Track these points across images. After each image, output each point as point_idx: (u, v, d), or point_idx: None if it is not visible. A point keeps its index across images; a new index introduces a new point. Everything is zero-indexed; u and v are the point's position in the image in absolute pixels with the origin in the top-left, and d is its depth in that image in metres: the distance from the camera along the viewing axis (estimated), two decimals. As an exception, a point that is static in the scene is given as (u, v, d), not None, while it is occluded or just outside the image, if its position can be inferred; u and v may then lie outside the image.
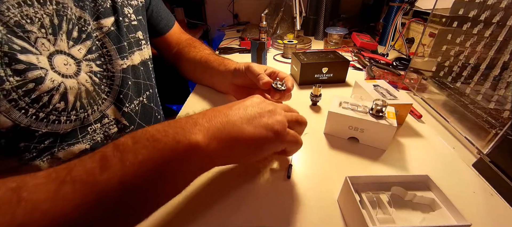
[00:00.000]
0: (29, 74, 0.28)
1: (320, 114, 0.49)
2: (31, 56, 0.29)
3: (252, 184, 0.33)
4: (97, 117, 0.37)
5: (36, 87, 0.29)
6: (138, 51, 0.44)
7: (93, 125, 0.37)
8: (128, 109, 0.42)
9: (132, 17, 0.43)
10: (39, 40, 0.30)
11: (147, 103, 0.46)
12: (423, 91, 0.55)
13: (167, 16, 0.57)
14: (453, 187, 0.33)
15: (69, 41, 0.33)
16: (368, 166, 0.36)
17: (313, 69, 0.60)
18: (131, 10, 0.43)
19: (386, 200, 0.27)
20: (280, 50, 0.89)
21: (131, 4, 0.44)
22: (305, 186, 0.33)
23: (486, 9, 0.41)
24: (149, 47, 0.49)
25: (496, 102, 0.38)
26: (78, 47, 0.34)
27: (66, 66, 0.33)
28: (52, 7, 0.31)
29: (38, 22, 0.30)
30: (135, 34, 0.44)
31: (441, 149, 0.40)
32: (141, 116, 0.44)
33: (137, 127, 0.43)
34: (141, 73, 0.45)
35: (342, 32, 0.92)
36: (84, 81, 0.35)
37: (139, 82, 0.44)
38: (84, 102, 0.35)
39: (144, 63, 0.46)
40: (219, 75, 0.51)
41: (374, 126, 0.37)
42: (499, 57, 0.38)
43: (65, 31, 0.33)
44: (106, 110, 0.39)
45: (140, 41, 0.45)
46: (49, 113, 0.31)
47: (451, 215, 0.25)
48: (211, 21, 1.48)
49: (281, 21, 1.03)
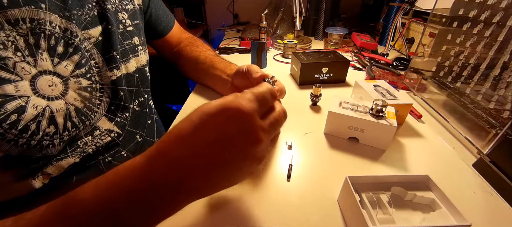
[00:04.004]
0: (8, 107, 0.26)
1: (320, 114, 0.49)
2: (6, 87, 0.27)
3: (252, 184, 0.33)
4: (88, 130, 0.36)
5: (20, 117, 0.27)
6: (134, 58, 0.42)
7: (83, 138, 0.35)
8: (120, 118, 0.40)
9: (128, 22, 0.41)
10: (18, 65, 0.27)
11: (138, 109, 0.44)
12: (423, 91, 0.55)
13: (167, 17, 0.56)
14: (453, 187, 0.33)
15: (53, 58, 0.31)
16: (368, 166, 0.36)
17: (313, 69, 0.60)
18: (125, 15, 0.41)
19: (386, 200, 0.27)
20: (280, 50, 0.89)
21: (126, 8, 0.41)
22: (305, 186, 0.33)
23: (486, 9, 0.41)
24: (146, 52, 0.47)
25: (496, 102, 0.38)
26: (65, 64, 0.32)
27: (51, 87, 0.30)
28: (26, 26, 0.28)
29: (12, 46, 0.27)
30: (131, 40, 0.41)
31: (441, 149, 0.40)
32: (131, 123, 0.42)
33: (127, 134, 0.41)
34: (135, 80, 0.43)
35: (342, 32, 0.92)
36: (72, 100, 0.32)
37: (132, 90, 0.42)
38: (75, 121, 0.33)
39: (139, 70, 0.44)
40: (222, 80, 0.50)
41: (374, 126, 0.37)
42: (499, 57, 0.38)
43: (45, 49, 0.30)
44: (97, 122, 0.37)
45: (136, 48, 0.43)
46: (41, 139, 0.29)
47: (451, 215, 0.25)
48: (211, 21, 1.48)
49: (281, 21, 1.03)
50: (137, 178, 0.20)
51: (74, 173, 0.35)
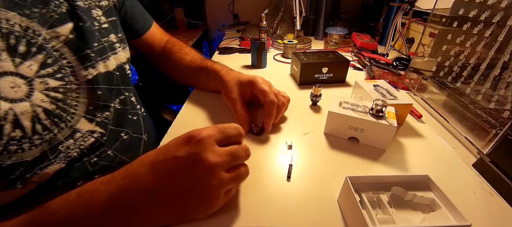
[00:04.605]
0: None
1: (320, 114, 0.49)
2: None
3: (252, 184, 0.33)
4: (67, 133, 0.34)
5: None
6: (113, 56, 0.41)
7: (64, 143, 0.33)
8: (101, 118, 0.39)
9: (103, 19, 0.40)
10: None
11: (120, 107, 0.42)
12: (423, 91, 0.55)
13: (144, 16, 0.54)
14: (453, 187, 0.33)
15: (14, 58, 0.29)
16: (368, 166, 0.36)
17: (313, 69, 0.60)
18: (100, 12, 0.39)
19: (386, 200, 0.27)
20: (280, 50, 0.89)
21: (100, 5, 0.40)
22: (305, 186, 0.33)
23: (486, 9, 0.41)
24: (127, 49, 0.45)
25: (496, 102, 0.38)
26: (28, 64, 0.30)
27: (14, 89, 0.28)
28: None
29: None
30: (108, 37, 0.40)
31: (441, 149, 0.40)
32: (114, 122, 0.41)
33: (111, 133, 0.40)
34: (115, 78, 0.41)
35: (342, 32, 0.92)
36: (39, 102, 0.30)
37: (112, 88, 0.41)
38: (46, 124, 0.31)
39: (120, 67, 0.42)
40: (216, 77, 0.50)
41: (374, 126, 0.37)
42: (499, 57, 0.38)
43: (4, 48, 0.28)
44: (76, 124, 0.35)
45: (114, 45, 0.41)
46: (7, 144, 0.28)
47: (451, 215, 0.25)
48: (211, 21, 1.48)
49: (281, 21, 1.03)
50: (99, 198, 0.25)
51: (60, 178, 0.34)
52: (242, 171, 0.28)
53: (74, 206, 0.25)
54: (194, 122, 0.47)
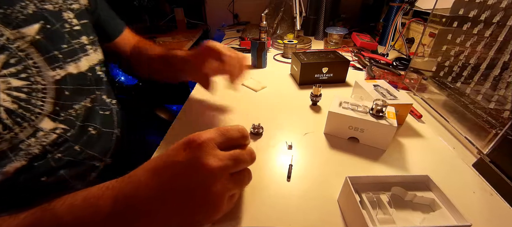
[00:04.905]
0: None
1: (320, 114, 0.49)
2: None
3: (252, 184, 0.33)
4: (30, 132, 0.34)
5: None
6: (85, 57, 0.41)
7: (25, 141, 0.33)
8: (65, 116, 0.38)
9: (74, 21, 0.40)
10: None
11: (91, 105, 0.42)
12: (423, 91, 0.55)
13: (115, 21, 0.55)
14: (453, 187, 0.33)
15: None
16: (368, 166, 0.36)
17: (313, 69, 0.60)
18: (71, 14, 0.40)
19: (386, 200, 0.27)
20: (280, 50, 0.89)
21: (72, 8, 0.40)
22: (305, 186, 0.33)
23: (486, 9, 0.41)
24: (99, 51, 0.46)
25: (496, 102, 0.38)
26: None
27: None
28: None
29: None
30: (79, 39, 0.40)
31: (441, 149, 0.40)
32: (82, 118, 0.41)
33: (78, 129, 0.40)
34: (88, 79, 0.42)
35: (342, 32, 0.92)
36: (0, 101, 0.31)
37: (83, 89, 0.41)
38: (7, 123, 0.31)
39: (92, 69, 0.43)
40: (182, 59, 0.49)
41: (374, 126, 0.37)
42: (499, 57, 0.38)
43: None
44: (40, 124, 0.35)
45: (85, 47, 0.41)
46: None
47: (451, 215, 0.25)
48: (211, 21, 1.48)
49: (281, 21, 1.03)
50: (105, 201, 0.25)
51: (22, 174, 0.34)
52: (245, 175, 0.28)
53: (79, 210, 0.25)
54: (194, 122, 0.47)
